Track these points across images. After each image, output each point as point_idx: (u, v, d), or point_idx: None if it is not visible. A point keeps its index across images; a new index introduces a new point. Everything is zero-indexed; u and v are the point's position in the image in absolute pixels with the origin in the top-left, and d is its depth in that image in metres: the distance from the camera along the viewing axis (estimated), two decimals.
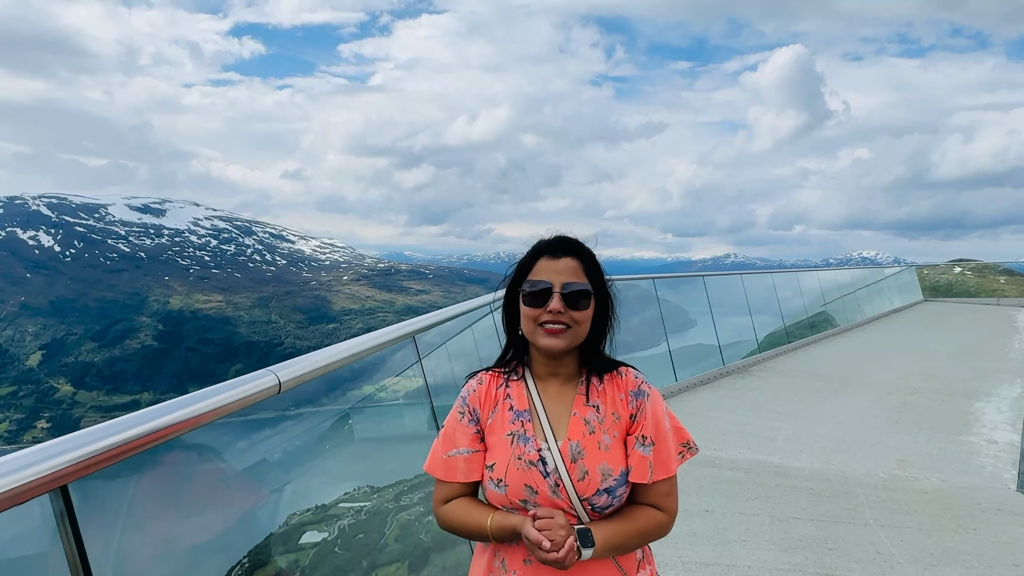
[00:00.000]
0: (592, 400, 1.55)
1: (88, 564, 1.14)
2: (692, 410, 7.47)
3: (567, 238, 1.59)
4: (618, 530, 1.48)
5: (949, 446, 6.51)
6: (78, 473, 1.11)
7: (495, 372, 1.65)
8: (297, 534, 2.91)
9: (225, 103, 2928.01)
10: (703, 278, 11.06)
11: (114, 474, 1.65)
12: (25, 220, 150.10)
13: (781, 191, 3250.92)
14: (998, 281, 29.55)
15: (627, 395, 1.55)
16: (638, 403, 1.54)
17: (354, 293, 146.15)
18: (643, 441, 1.52)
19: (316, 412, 3.26)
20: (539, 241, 1.61)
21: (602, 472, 1.48)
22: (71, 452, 1.10)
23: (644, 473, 1.50)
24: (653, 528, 1.53)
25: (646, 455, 1.51)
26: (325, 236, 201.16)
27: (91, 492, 1.45)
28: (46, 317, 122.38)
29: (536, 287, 1.52)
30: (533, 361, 1.61)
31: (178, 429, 1.39)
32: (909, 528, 4.49)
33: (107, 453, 1.16)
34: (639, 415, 1.54)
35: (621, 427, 1.53)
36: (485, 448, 1.58)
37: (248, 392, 1.65)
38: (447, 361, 4.54)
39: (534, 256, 1.58)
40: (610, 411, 1.54)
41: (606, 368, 1.59)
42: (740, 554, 3.97)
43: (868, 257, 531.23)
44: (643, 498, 1.55)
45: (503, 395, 1.60)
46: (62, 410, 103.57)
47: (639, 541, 1.53)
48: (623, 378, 1.57)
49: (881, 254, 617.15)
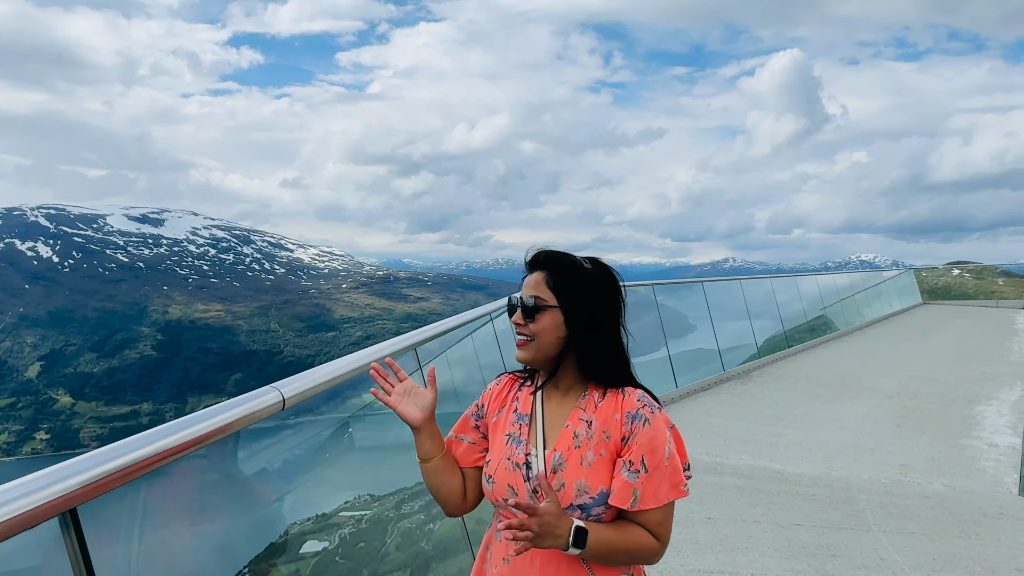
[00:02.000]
0: (587, 415, 1.53)
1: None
2: (693, 416, 7.47)
3: (540, 251, 1.60)
4: (609, 539, 1.44)
5: (951, 451, 6.51)
6: (87, 495, 1.12)
7: (516, 375, 1.72)
8: (298, 543, 2.92)
9: (224, 113, 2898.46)
10: (702, 283, 11.07)
11: (120, 491, 1.66)
12: (23, 231, 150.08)
13: (780, 195, 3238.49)
14: (996, 283, 29.59)
15: (623, 416, 1.50)
16: (633, 426, 1.49)
17: (353, 301, 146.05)
18: (629, 467, 1.47)
19: (316, 421, 3.27)
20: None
21: (578, 487, 1.47)
22: (80, 475, 1.11)
23: (626, 499, 1.46)
24: (643, 551, 1.49)
25: (631, 481, 1.46)
26: (324, 244, 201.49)
27: (97, 510, 1.45)
28: (45, 328, 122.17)
29: (513, 301, 1.60)
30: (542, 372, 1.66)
31: (184, 448, 1.39)
32: (912, 533, 4.49)
33: (115, 475, 1.17)
34: (631, 439, 1.48)
35: (610, 447, 1.50)
36: (484, 443, 1.68)
37: (253, 410, 1.66)
38: (447, 369, 4.55)
39: (526, 271, 1.64)
40: (601, 429, 1.51)
41: (611, 381, 1.56)
42: (743, 561, 3.97)
43: (867, 261, 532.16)
44: (633, 523, 1.50)
45: (513, 397, 1.66)
46: (61, 421, 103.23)
47: (625, 558, 1.49)
48: (625, 398, 1.53)
49: (880, 257, 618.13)
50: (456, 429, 1.73)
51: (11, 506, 1.00)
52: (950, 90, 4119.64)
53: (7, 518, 0.98)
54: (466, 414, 1.73)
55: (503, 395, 1.68)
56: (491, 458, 1.62)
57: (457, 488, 1.66)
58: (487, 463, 1.62)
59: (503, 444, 1.60)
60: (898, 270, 25.60)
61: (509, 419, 1.63)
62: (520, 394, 1.66)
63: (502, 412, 1.65)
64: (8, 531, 0.99)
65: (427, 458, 1.63)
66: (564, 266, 1.56)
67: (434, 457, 1.63)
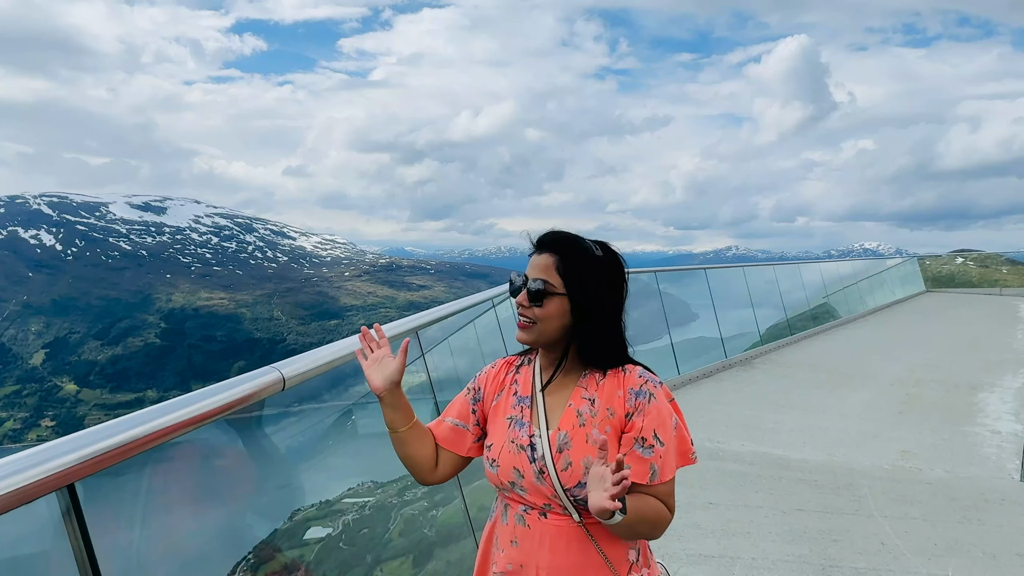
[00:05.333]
0: (590, 393, 1.54)
1: (96, 561, 1.14)
2: (695, 403, 7.47)
3: (554, 233, 1.57)
4: (639, 509, 1.43)
5: (953, 437, 6.51)
6: (84, 471, 1.11)
7: (511, 359, 1.72)
8: (302, 530, 2.92)
9: (227, 100, 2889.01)
10: (705, 271, 11.05)
11: (122, 471, 1.65)
12: (26, 219, 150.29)
13: (785, 183, 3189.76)
14: (1000, 271, 29.50)
15: (626, 392, 1.52)
16: (637, 403, 1.50)
17: (356, 289, 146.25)
18: (643, 443, 1.48)
19: (319, 408, 3.27)
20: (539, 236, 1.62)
21: (585, 465, 1.47)
22: (77, 451, 1.10)
23: (644, 475, 1.47)
24: (661, 521, 1.51)
25: (647, 457, 1.48)
26: (327, 232, 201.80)
27: (99, 489, 1.45)
28: (48, 316, 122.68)
29: (516, 280, 1.58)
30: (540, 351, 1.65)
31: (184, 426, 1.39)
32: (913, 519, 4.50)
33: (113, 452, 1.17)
34: (636, 415, 1.50)
35: (615, 424, 1.51)
36: (477, 431, 1.68)
37: (252, 389, 1.65)
38: (449, 356, 4.54)
39: (533, 250, 1.61)
40: (605, 406, 1.52)
41: (609, 363, 1.56)
42: (745, 546, 3.98)
43: (870, 249, 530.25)
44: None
45: (511, 380, 1.65)
46: (66, 408, 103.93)
47: (647, 529, 1.50)
48: (626, 375, 1.54)
49: (884, 245, 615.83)
50: (454, 414, 1.70)
51: (8, 480, 0.99)
52: (958, 76, 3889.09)
53: (4, 492, 0.98)
54: (462, 399, 1.70)
55: (500, 378, 1.67)
56: (493, 442, 1.60)
57: (427, 458, 1.66)
58: (489, 447, 1.60)
59: (505, 427, 1.59)
60: (902, 258, 25.53)
61: (510, 402, 1.62)
62: (519, 377, 1.65)
63: (501, 395, 1.65)
64: (6, 505, 0.98)
65: (392, 428, 1.64)
66: (576, 253, 1.54)
67: (400, 428, 1.63)
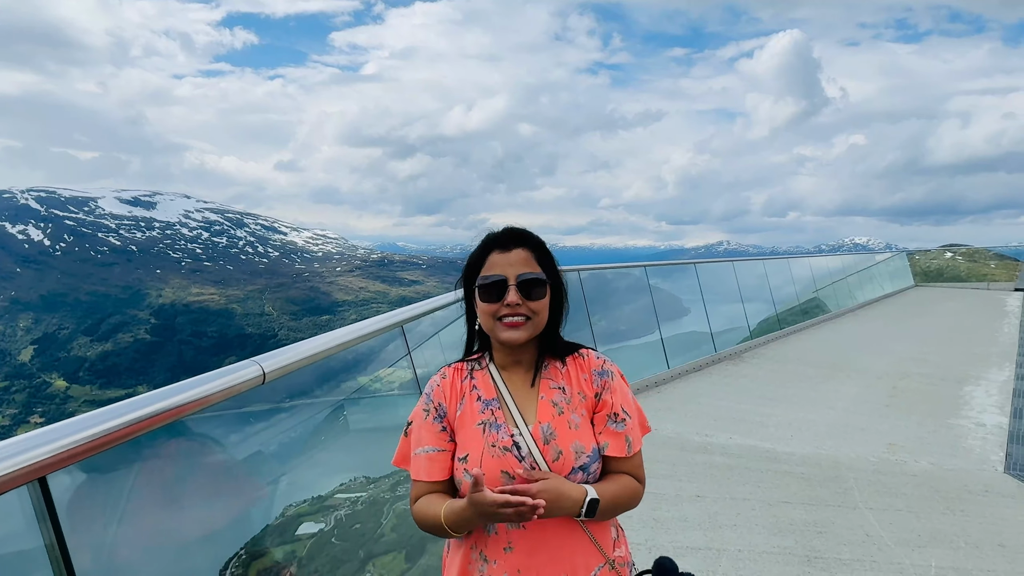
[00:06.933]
0: (557, 382, 1.59)
1: (69, 556, 1.13)
2: (684, 396, 7.50)
3: (515, 229, 1.61)
4: (614, 494, 1.52)
5: (939, 430, 6.57)
6: (57, 465, 1.10)
7: (458, 365, 1.66)
8: (294, 525, 2.92)
9: (217, 94, 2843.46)
10: (695, 266, 11.08)
11: (108, 467, 1.64)
12: (13, 214, 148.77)
13: (776, 178, 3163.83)
14: (988, 266, 29.73)
15: (591, 375, 1.60)
16: (603, 382, 1.59)
17: (348, 284, 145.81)
18: (615, 418, 1.57)
19: (311, 404, 3.26)
20: (488, 235, 1.61)
21: (575, 450, 1.52)
22: (49, 444, 1.09)
23: (622, 448, 1.56)
24: (635, 496, 1.59)
25: (620, 431, 1.57)
26: (318, 227, 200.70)
27: (81, 485, 1.44)
28: (37, 311, 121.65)
29: (489, 280, 1.53)
30: (495, 351, 1.63)
31: (161, 420, 1.38)
32: (898, 511, 4.54)
33: (87, 444, 1.16)
34: (604, 393, 1.58)
35: (588, 406, 1.58)
36: (453, 447, 1.57)
37: (232, 382, 1.64)
38: (440, 352, 4.53)
39: (485, 250, 1.58)
40: (576, 391, 1.58)
41: (567, 351, 1.63)
42: (731, 538, 4.00)
43: (860, 244, 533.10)
44: (618, 471, 1.59)
45: (469, 387, 1.60)
46: (55, 405, 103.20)
47: (623, 507, 1.58)
48: (585, 359, 1.62)
49: (873, 240, 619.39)
50: (419, 443, 1.59)
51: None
52: (950, 72, 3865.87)
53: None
54: (421, 423, 1.59)
55: (457, 386, 1.61)
56: (468, 452, 1.53)
57: (439, 504, 1.54)
58: (463, 458, 1.53)
59: (480, 433, 1.53)
60: (891, 253, 25.69)
61: (475, 408, 1.57)
62: (476, 381, 1.60)
63: (463, 404, 1.58)
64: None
65: (455, 532, 1.51)
66: (542, 244, 1.62)
67: (461, 532, 1.52)
